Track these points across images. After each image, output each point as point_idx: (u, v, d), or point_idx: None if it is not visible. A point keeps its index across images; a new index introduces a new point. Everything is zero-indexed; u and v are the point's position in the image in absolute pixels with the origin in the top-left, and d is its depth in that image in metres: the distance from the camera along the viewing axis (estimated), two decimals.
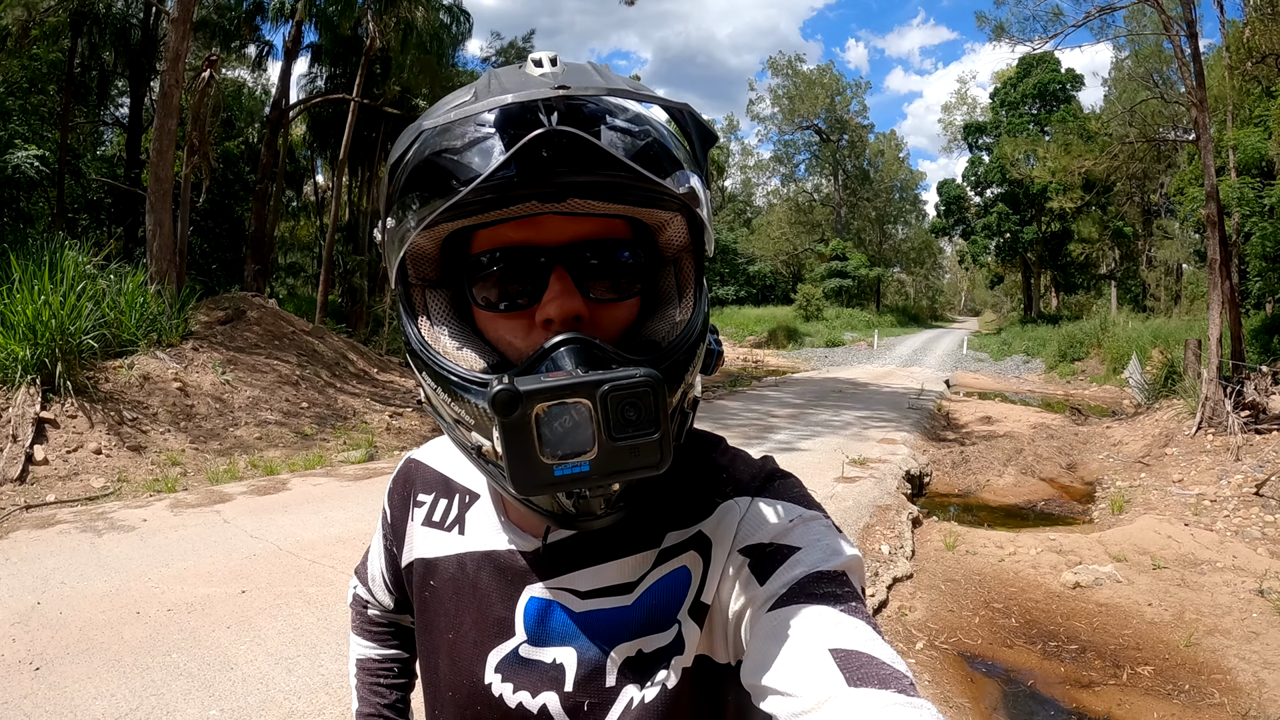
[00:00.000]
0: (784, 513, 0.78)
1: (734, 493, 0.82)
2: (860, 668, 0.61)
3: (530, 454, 0.57)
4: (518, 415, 0.56)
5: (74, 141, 20.94)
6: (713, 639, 0.78)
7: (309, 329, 14.02)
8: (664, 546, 0.81)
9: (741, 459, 0.87)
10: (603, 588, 0.81)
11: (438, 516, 0.97)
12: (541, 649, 0.82)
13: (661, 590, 0.79)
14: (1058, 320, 38.65)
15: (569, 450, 0.58)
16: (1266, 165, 16.63)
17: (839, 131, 61.90)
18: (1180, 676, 4.65)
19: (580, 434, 0.57)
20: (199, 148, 14.12)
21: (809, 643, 0.64)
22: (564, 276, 0.71)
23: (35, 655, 3.79)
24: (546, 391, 0.57)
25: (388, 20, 20.28)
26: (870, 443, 11.17)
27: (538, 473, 0.58)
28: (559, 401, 0.57)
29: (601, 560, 0.82)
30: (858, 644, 0.63)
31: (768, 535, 0.76)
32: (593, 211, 0.70)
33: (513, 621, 0.84)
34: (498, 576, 0.87)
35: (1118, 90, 30.63)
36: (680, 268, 0.79)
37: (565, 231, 0.71)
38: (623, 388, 0.57)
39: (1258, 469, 8.56)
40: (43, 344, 8.06)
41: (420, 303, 0.77)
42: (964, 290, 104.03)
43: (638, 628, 0.79)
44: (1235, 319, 13.86)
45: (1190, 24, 12.90)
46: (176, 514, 6.33)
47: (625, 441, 0.57)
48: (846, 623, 0.66)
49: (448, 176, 0.67)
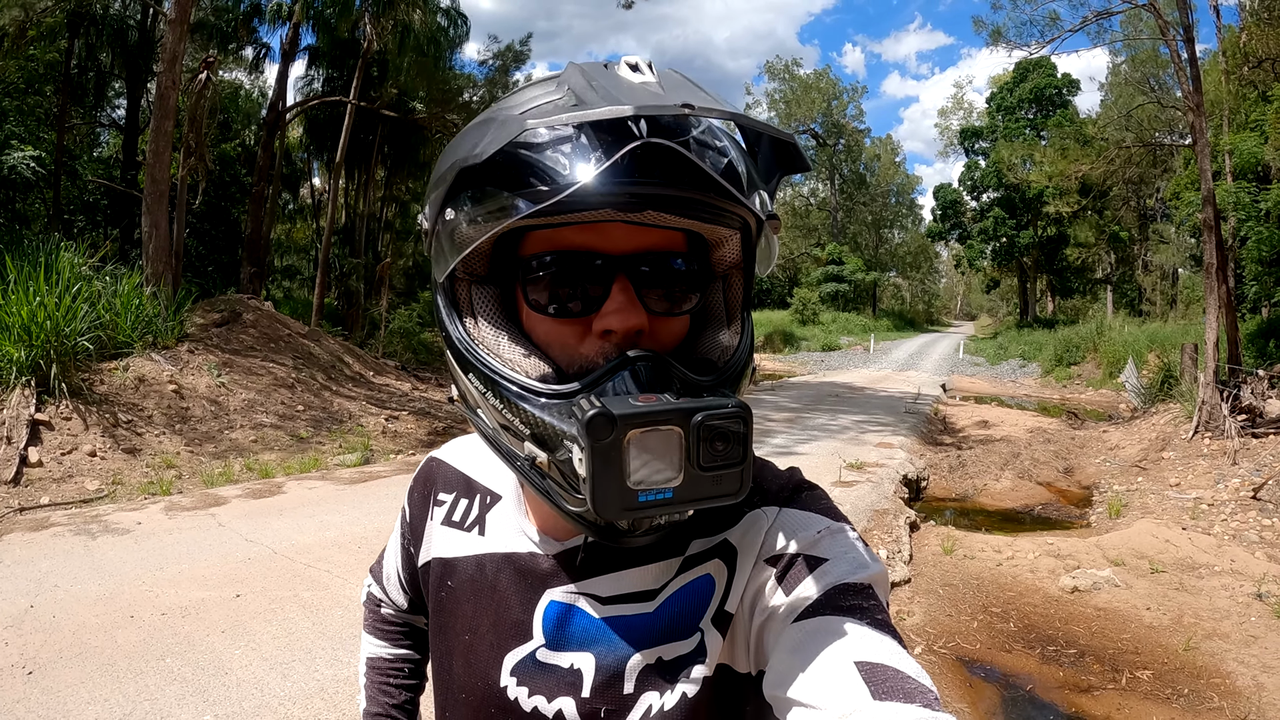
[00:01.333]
0: (811, 524, 0.77)
1: (761, 502, 0.81)
2: (886, 681, 0.60)
3: (617, 478, 0.56)
4: (610, 440, 0.55)
5: (70, 143, 20.88)
6: (734, 648, 0.77)
7: (305, 332, 14.00)
8: (688, 554, 0.80)
9: (769, 469, 0.86)
10: (624, 594, 0.80)
11: (457, 516, 0.97)
12: (559, 653, 0.81)
13: (684, 598, 0.79)
14: (1054, 324, 38.71)
15: (656, 478, 0.57)
16: (1263, 170, 16.63)
17: (835, 136, 61.95)
18: (1179, 680, 4.64)
19: (669, 461, 0.57)
20: (195, 150, 14.10)
21: (834, 655, 0.63)
22: (627, 287, 0.70)
23: (28, 659, 3.76)
24: (641, 417, 0.56)
25: (385, 23, 20.27)
26: (867, 447, 11.16)
27: (623, 497, 0.56)
28: (653, 428, 0.56)
29: (624, 566, 0.81)
30: (883, 657, 0.63)
31: (795, 546, 0.75)
32: (662, 224, 0.69)
33: (530, 625, 0.84)
34: (518, 579, 0.86)
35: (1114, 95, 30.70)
36: (729, 285, 0.79)
37: (630, 241, 0.71)
38: (716, 418, 0.56)
39: (1255, 473, 8.56)
40: (38, 346, 8.03)
41: (465, 299, 0.75)
42: (960, 294, 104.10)
43: (659, 635, 0.78)
44: (1232, 323, 13.86)
45: (1187, 29, 12.91)
46: (171, 517, 6.31)
47: (712, 471, 0.57)
48: (872, 636, 0.65)
49: (534, 175, 0.65)
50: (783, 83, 62.61)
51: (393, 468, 8.66)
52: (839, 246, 56.16)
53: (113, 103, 24.80)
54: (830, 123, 61.82)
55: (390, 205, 28.91)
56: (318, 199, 31.67)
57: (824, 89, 61.66)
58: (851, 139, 62.70)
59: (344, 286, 24.95)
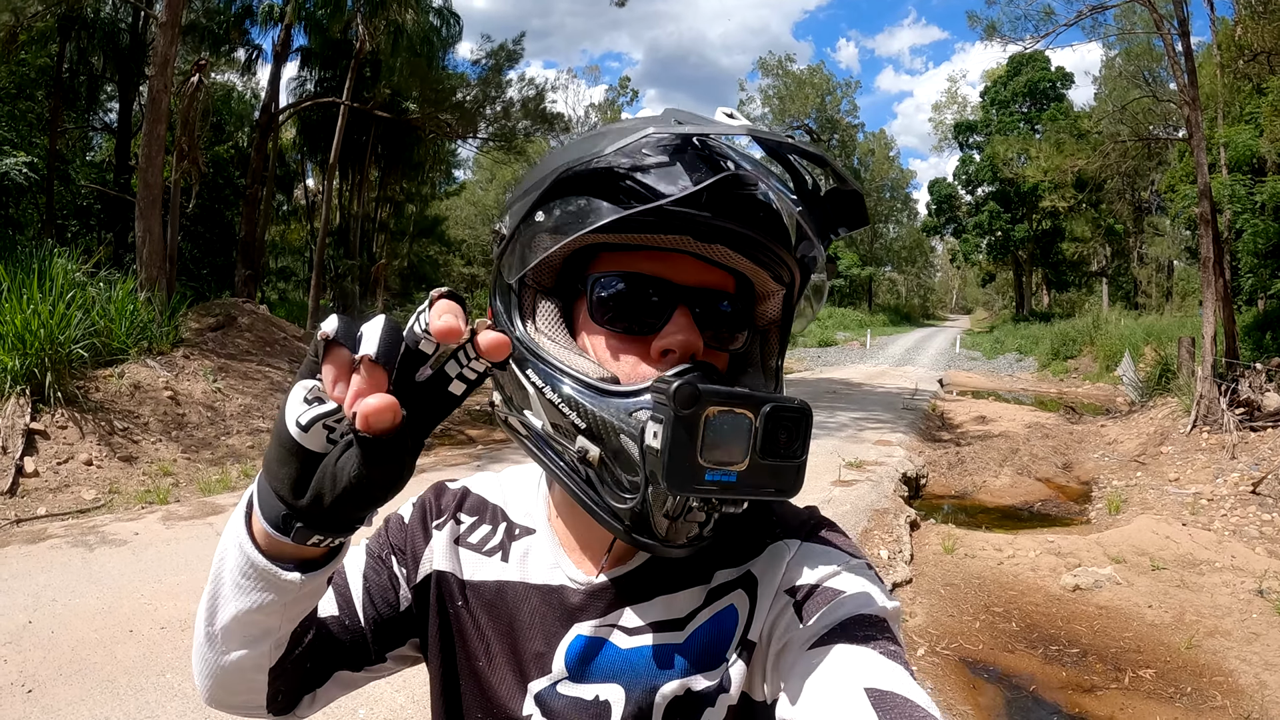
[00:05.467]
0: (831, 558, 0.80)
1: (783, 534, 0.84)
2: (894, 709, 0.62)
3: (692, 452, 0.59)
4: (692, 413, 0.59)
5: (63, 147, 20.79)
6: (754, 676, 0.79)
7: (301, 334, 13.96)
8: (714, 585, 0.83)
9: (790, 506, 0.89)
10: (652, 623, 0.82)
11: (475, 539, 0.95)
12: (583, 685, 0.81)
13: (712, 628, 0.81)
14: (1050, 318, 38.85)
15: (724, 458, 0.60)
16: (1258, 162, 16.65)
17: (829, 131, 61.90)
18: (1182, 679, 4.64)
19: (737, 444, 0.60)
20: (189, 152, 14.06)
21: (845, 681, 0.65)
22: (687, 314, 0.75)
23: (27, 677, 3.73)
24: (721, 395, 0.59)
25: (377, 23, 20.25)
26: (866, 444, 11.16)
27: (694, 471, 0.59)
28: (729, 409, 0.59)
29: (652, 596, 0.83)
30: (893, 685, 0.64)
31: (814, 578, 0.78)
32: (726, 262, 0.76)
33: (551, 658, 0.84)
34: (544, 611, 0.87)
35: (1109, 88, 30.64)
36: (767, 341, 0.85)
37: (695, 275, 0.77)
38: (783, 410, 0.60)
39: (1254, 467, 8.56)
40: (32, 354, 7.98)
41: (529, 305, 0.80)
42: (956, 289, 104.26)
43: (688, 666, 0.80)
44: (1229, 316, 13.87)
45: (1182, 22, 12.91)
46: (169, 526, 6.28)
47: (771, 460, 0.60)
48: (884, 665, 0.67)
49: (628, 189, 0.71)
50: (776, 79, 62.55)
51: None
52: (834, 242, 56.07)
53: (105, 107, 24.73)
54: (824, 118, 61.78)
55: (384, 206, 28.95)
56: (312, 200, 31.61)
57: (818, 84, 61.61)
58: (845, 134, 62.67)
59: (339, 288, 24.95)
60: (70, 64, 20.69)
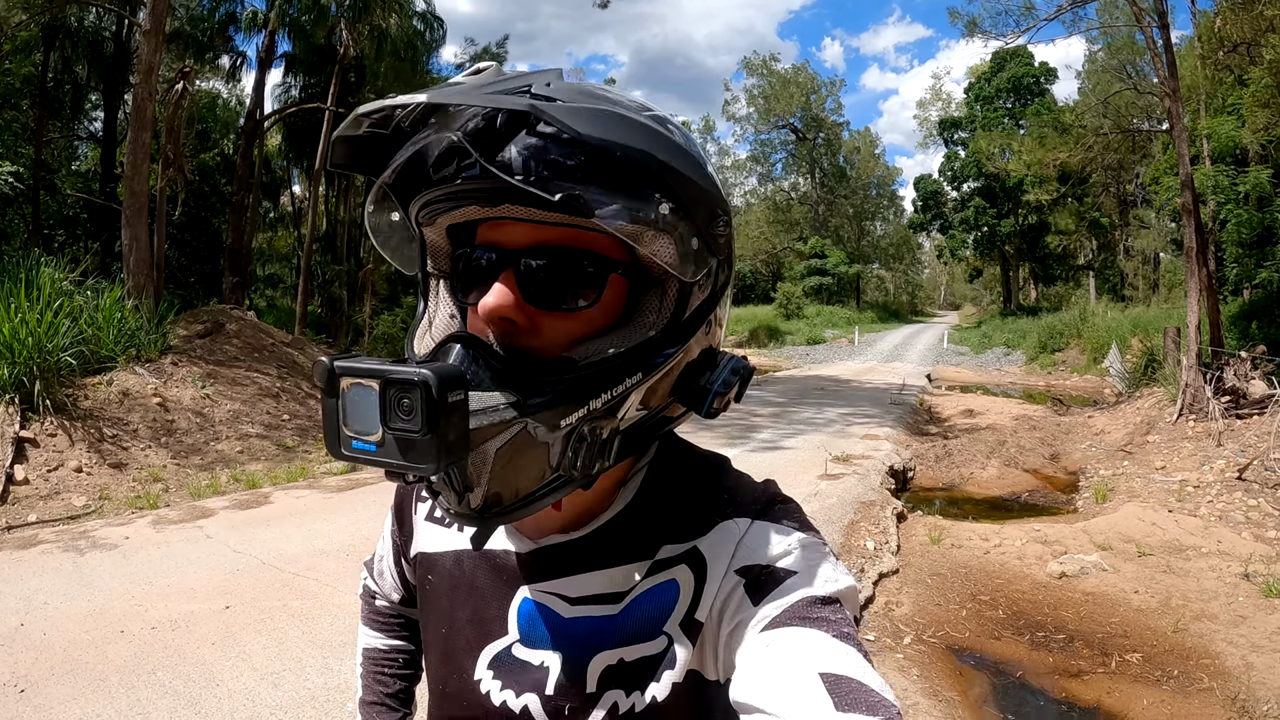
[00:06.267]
0: (783, 537, 0.78)
1: (734, 513, 0.81)
2: (849, 693, 0.61)
3: (337, 421, 0.62)
4: (328, 385, 0.62)
5: (48, 156, 20.74)
6: (704, 655, 0.77)
7: (289, 340, 13.94)
8: (657, 558, 0.81)
9: (744, 482, 0.87)
10: (591, 595, 0.82)
11: (438, 513, 0.98)
12: (531, 650, 0.83)
13: (649, 601, 0.79)
14: (1037, 312, 38.91)
15: (360, 428, 0.61)
16: (1240, 153, 16.74)
17: (815, 130, 62.05)
18: (1169, 663, 4.68)
19: (370, 414, 0.60)
20: (174, 160, 14.05)
21: (799, 666, 0.64)
22: (508, 279, 0.72)
23: (20, 677, 3.74)
24: (351, 370, 0.61)
25: (361, 28, 20.25)
26: (853, 439, 11.19)
27: (341, 440, 0.62)
28: (357, 382, 0.61)
29: (593, 568, 0.82)
30: (848, 670, 0.63)
31: (765, 558, 0.76)
32: (533, 219, 0.70)
33: (506, 620, 0.86)
34: (493, 576, 0.88)
35: (1091, 82, 30.75)
36: (665, 292, 0.75)
37: (523, 236, 0.72)
38: (395, 381, 0.59)
39: (1240, 454, 8.63)
40: (20, 362, 7.97)
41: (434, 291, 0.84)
42: (943, 284, 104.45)
43: (622, 636, 0.79)
44: (1213, 306, 13.97)
45: (1162, 15, 12.99)
46: (159, 530, 6.28)
47: (397, 431, 0.60)
48: (838, 648, 0.66)
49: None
50: (761, 78, 62.71)
51: (380, 475, 8.56)
52: (821, 240, 56.25)
53: (90, 115, 24.69)
54: (809, 117, 61.94)
55: None
56: (298, 206, 31.57)
57: (802, 83, 61.77)
58: (831, 132, 62.80)
59: (327, 294, 24.89)
60: (55, 73, 20.65)
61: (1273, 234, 15.72)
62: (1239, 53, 15.93)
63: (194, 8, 20.90)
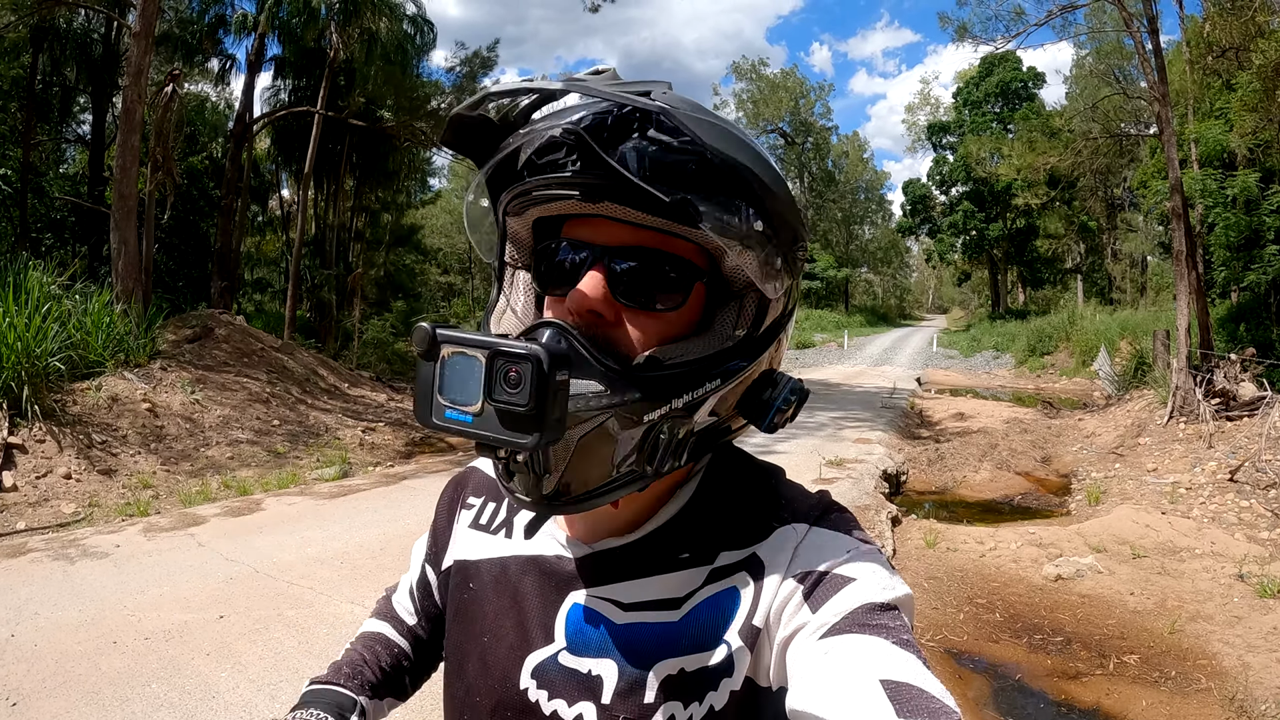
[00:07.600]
0: (841, 544, 0.78)
1: (791, 519, 0.81)
2: (911, 700, 0.60)
3: (432, 390, 0.63)
4: (427, 351, 0.62)
5: (36, 159, 20.56)
6: (759, 663, 0.77)
7: (278, 345, 13.89)
8: (716, 565, 0.80)
9: (800, 490, 0.87)
10: (648, 601, 0.81)
11: (484, 519, 0.98)
12: (580, 658, 0.81)
13: (710, 609, 0.79)
14: (1026, 315, 39.13)
15: (458, 398, 0.62)
16: (1228, 157, 16.81)
17: (804, 134, 62.19)
18: (1166, 663, 4.69)
19: (471, 385, 0.61)
20: (163, 164, 13.92)
21: (860, 673, 0.63)
22: (597, 274, 0.74)
23: (11, 690, 3.69)
24: (455, 339, 0.62)
25: (351, 31, 20.17)
26: (846, 443, 11.20)
27: (434, 408, 0.63)
28: (461, 351, 0.61)
29: (649, 573, 0.82)
30: (908, 676, 0.63)
31: (823, 564, 0.75)
32: (629, 219, 0.73)
33: (553, 627, 0.84)
34: (542, 581, 0.87)
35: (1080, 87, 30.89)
36: (744, 306, 0.79)
37: (616, 236, 0.75)
38: (505, 353, 0.60)
39: (1231, 455, 8.66)
40: (8, 368, 7.90)
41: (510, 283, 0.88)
42: (932, 288, 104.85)
43: (683, 646, 0.78)
44: (1202, 308, 14.04)
45: (1151, 20, 13.07)
46: (150, 538, 6.23)
47: (501, 403, 0.60)
48: (898, 655, 0.65)
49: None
50: (750, 83, 62.77)
51: (371, 480, 8.59)
52: (810, 244, 56.30)
53: (78, 118, 24.50)
54: (798, 121, 62.05)
55: (360, 215, 28.78)
56: (287, 210, 31.38)
57: (791, 88, 61.87)
58: (819, 137, 62.97)
59: (316, 298, 24.75)
60: (43, 75, 20.49)
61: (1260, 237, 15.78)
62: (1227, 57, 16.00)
63: (183, 10, 20.78)
